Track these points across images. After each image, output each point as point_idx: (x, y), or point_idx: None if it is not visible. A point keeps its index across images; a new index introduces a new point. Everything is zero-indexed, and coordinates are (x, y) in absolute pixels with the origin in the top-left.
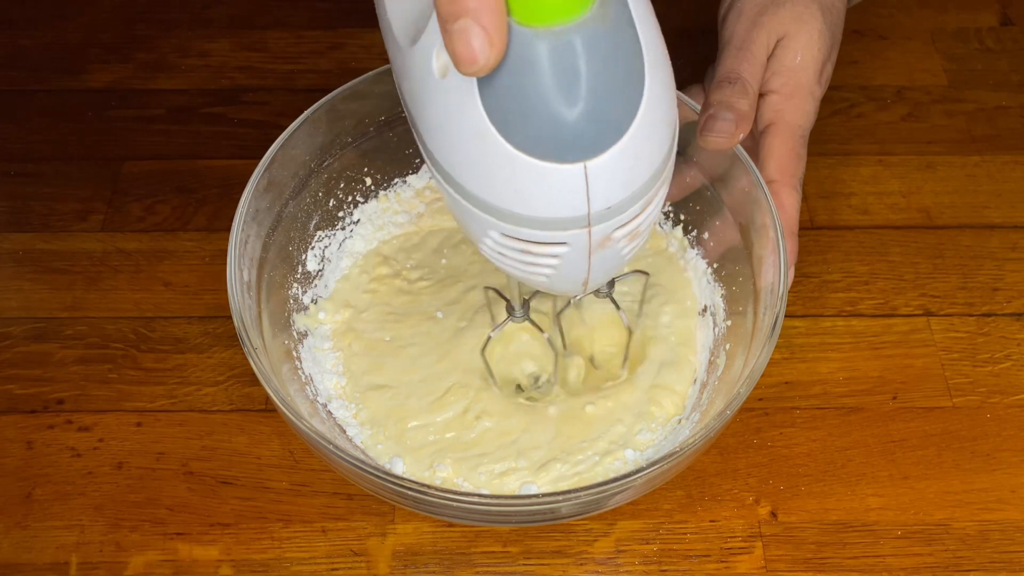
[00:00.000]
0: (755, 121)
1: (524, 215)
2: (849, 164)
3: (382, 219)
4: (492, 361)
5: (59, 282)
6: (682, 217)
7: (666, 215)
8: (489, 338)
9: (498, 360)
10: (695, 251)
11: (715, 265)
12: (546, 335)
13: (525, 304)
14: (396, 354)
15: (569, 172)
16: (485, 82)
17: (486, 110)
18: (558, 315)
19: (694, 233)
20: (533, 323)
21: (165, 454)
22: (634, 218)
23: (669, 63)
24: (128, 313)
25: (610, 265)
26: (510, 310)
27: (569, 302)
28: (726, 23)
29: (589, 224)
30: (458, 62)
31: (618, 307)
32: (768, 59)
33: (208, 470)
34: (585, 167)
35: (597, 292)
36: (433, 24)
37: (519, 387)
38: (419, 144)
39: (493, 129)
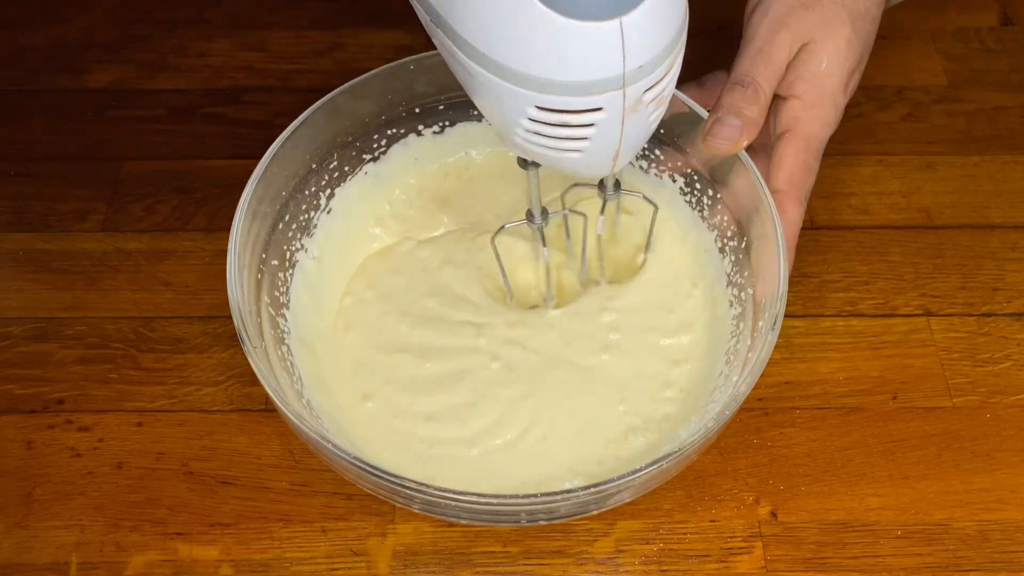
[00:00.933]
0: (772, 124)
1: (562, 81)
2: (849, 164)
3: None
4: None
5: (59, 282)
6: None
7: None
8: (503, 227)
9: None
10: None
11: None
12: (566, 211)
13: (544, 212)
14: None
15: (606, 29)
16: None
17: None
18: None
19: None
20: (542, 235)
21: (165, 454)
22: (661, 79)
23: None
24: (128, 313)
25: (639, 134)
26: (529, 216)
27: (574, 184)
28: (751, 20)
29: (624, 85)
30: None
31: (603, 211)
32: (791, 63)
33: (208, 470)
34: (620, 23)
35: (602, 189)
36: None
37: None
38: (445, 40)
39: None
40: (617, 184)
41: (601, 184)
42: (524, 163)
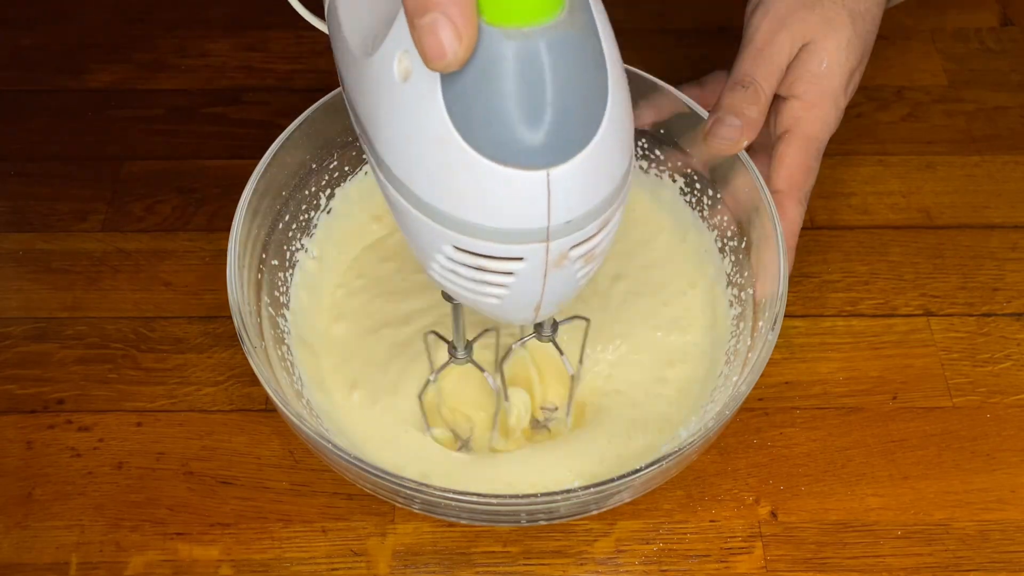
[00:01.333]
0: (772, 124)
1: (482, 226)
2: (849, 164)
3: None
4: (428, 407)
5: (59, 282)
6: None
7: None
8: (428, 381)
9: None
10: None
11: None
12: (488, 376)
13: (468, 345)
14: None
15: (532, 179)
16: (448, 84)
17: (449, 113)
18: (501, 362)
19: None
20: (476, 364)
21: (165, 454)
22: (591, 237)
23: (626, 79)
24: (128, 313)
25: (563, 290)
26: (452, 351)
27: (510, 349)
28: (752, 20)
29: (548, 238)
30: (426, 57)
31: (560, 351)
32: (791, 63)
33: (208, 470)
34: (548, 175)
35: (540, 334)
36: (395, 30)
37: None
38: (371, 158)
39: (456, 133)
40: (555, 324)
41: (539, 328)
42: (448, 297)
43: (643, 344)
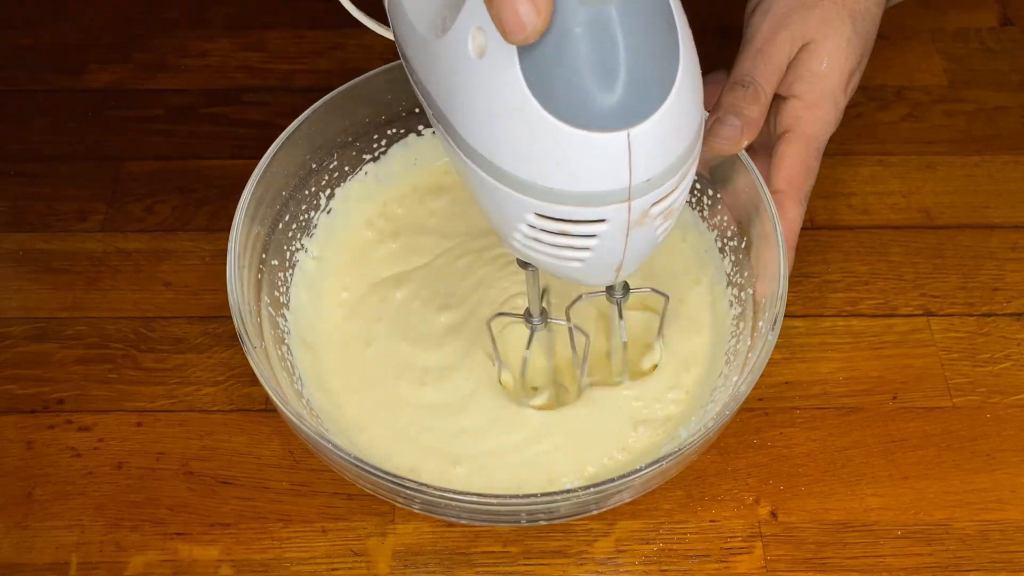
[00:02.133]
0: (772, 124)
1: (565, 191)
2: (849, 164)
3: None
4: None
5: (59, 282)
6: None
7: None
8: (525, 359)
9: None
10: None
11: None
12: (570, 324)
13: (543, 312)
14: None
15: (613, 140)
16: (526, 55)
17: (527, 83)
18: (568, 309)
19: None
20: (555, 320)
21: (165, 454)
22: (670, 192)
23: (692, 37)
24: (128, 313)
25: (644, 247)
26: (528, 319)
27: (579, 298)
28: (752, 20)
29: (629, 197)
30: (506, 31)
31: (621, 315)
32: (791, 63)
33: (208, 470)
34: (628, 135)
35: (612, 294)
36: (467, 8)
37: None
38: (446, 138)
39: (535, 101)
40: (626, 287)
41: (610, 290)
42: (524, 264)
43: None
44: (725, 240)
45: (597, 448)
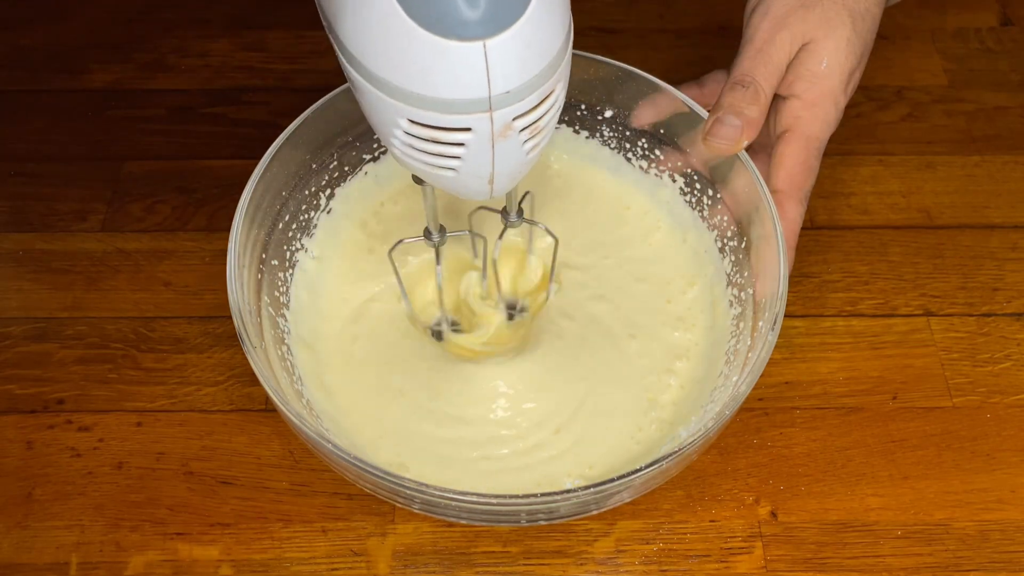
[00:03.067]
0: (772, 124)
1: (430, 97)
2: (849, 164)
3: None
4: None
5: (59, 282)
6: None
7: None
8: (400, 242)
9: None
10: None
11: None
12: (471, 231)
13: (442, 229)
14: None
15: (470, 49)
16: None
17: None
18: (484, 249)
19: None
20: (450, 235)
21: (165, 454)
22: (533, 108)
23: None
24: (128, 313)
25: (513, 163)
26: (428, 235)
27: (501, 237)
28: (751, 20)
29: (491, 108)
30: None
31: (501, 236)
32: (791, 63)
33: (208, 470)
34: (484, 45)
35: (507, 220)
36: None
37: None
38: (334, 46)
39: (400, 8)
40: (520, 212)
41: (503, 210)
42: (418, 180)
43: (645, 339)
44: (725, 240)
45: (599, 448)
